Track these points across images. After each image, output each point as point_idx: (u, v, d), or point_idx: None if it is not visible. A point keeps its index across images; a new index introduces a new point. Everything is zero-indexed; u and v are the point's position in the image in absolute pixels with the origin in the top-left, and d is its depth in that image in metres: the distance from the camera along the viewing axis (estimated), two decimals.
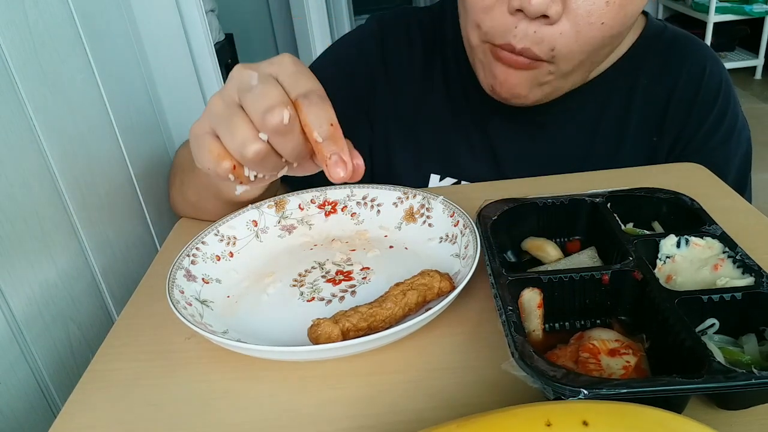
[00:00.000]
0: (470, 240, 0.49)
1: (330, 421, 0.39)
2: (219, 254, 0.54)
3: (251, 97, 0.40)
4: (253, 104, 0.40)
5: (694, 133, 0.67)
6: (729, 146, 0.68)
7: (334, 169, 0.40)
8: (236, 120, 0.40)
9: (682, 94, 0.67)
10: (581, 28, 0.53)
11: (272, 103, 0.39)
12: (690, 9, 3.46)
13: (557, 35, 0.54)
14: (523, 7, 0.52)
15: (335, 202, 0.60)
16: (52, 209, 0.59)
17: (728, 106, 0.68)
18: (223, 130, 0.41)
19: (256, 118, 0.39)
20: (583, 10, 0.52)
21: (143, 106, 0.84)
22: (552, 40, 0.54)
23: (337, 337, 0.41)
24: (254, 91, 0.40)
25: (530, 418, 0.29)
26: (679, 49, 0.69)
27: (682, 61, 0.68)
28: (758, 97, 3.27)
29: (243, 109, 0.40)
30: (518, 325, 0.37)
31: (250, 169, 0.42)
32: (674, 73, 0.68)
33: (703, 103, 0.67)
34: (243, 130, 0.40)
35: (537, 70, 0.57)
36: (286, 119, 0.39)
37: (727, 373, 0.32)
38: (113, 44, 0.77)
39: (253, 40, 2.85)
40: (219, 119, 0.41)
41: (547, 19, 0.53)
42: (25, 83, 0.57)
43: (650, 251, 0.45)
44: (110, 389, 0.43)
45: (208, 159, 0.42)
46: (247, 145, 0.40)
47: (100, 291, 0.67)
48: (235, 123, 0.40)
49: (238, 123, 0.40)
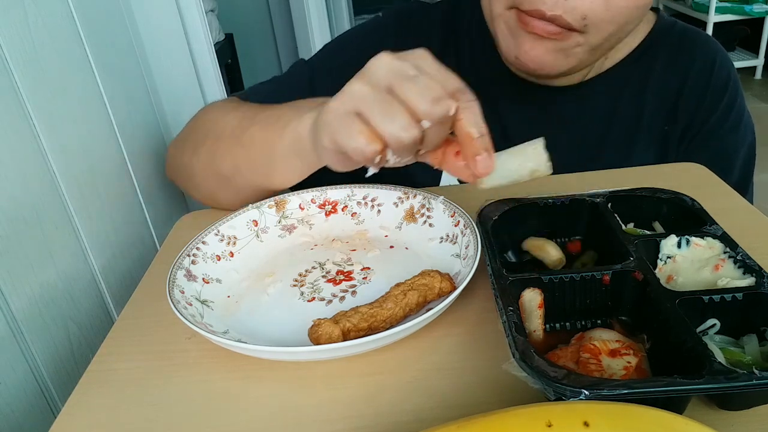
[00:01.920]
0: (471, 240, 0.49)
1: (330, 421, 0.39)
2: (219, 254, 0.53)
3: (416, 87, 0.41)
4: (420, 94, 0.41)
5: (705, 122, 0.69)
6: (737, 134, 0.70)
7: (483, 163, 0.43)
8: (396, 106, 0.41)
9: (693, 84, 0.69)
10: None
11: (440, 95, 0.41)
12: (690, 9, 3.45)
13: (588, 2, 0.54)
14: None
15: (336, 202, 0.60)
16: (52, 209, 0.59)
17: (736, 97, 0.70)
18: (378, 113, 0.42)
19: (423, 107, 0.41)
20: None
21: (143, 106, 0.84)
22: (584, 7, 0.54)
23: (338, 338, 0.41)
24: (419, 82, 0.41)
25: (531, 418, 0.29)
26: (690, 42, 0.70)
27: (692, 53, 0.70)
28: (758, 97, 3.27)
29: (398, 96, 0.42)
30: (519, 326, 0.37)
31: (395, 154, 0.43)
32: (685, 64, 0.69)
33: (714, 93, 0.69)
34: (404, 116, 0.41)
35: (566, 41, 0.57)
36: (452, 111, 0.41)
37: (727, 373, 0.32)
38: (113, 44, 0.77)
39: (253, 40, 2.85)
40: (370, 103, 0.42)
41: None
42: (25, 83, 0.56)
43: (651, 251, 0.45)
44: (110, 389, 0.43)
45: (357, 139, 0.42)
46: (408, 130, 0.41)
47: (100, 291, 0.67)
48: (396, 109, 0.41)
49: (399, 109, 0.41)
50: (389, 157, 0.43)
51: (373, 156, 0.42)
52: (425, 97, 0.41)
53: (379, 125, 0.42)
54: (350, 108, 0.43)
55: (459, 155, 0.44)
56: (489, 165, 0.43)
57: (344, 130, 0.43)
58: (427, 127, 0.42)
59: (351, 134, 0.43)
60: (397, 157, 0.44)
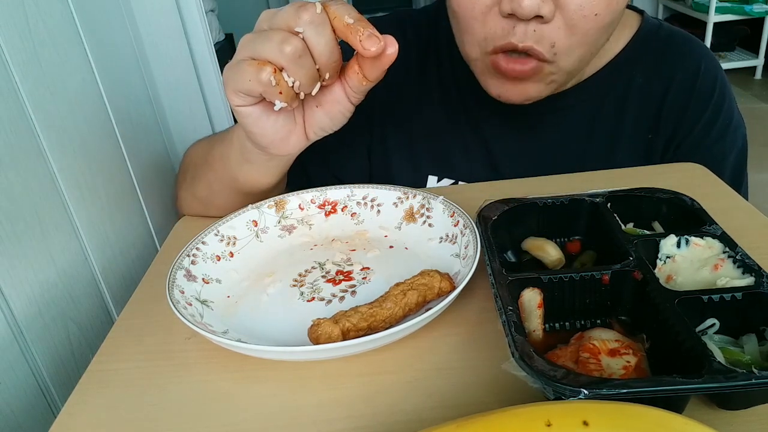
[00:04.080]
0: (470, 240, 0.49)
1: (330, 421, 0.39)
2: (219, 254, 0.54)
3: (283, 12, 0.44)
4: (288, 12, 0.44)
5: (689, 131, 0.68)
6: (725, 143, 0.68)
7: (368, 41, 0.43)
8: (271, 32, 0.44)
9: (677, 92, 0.67)
10: (576, 22, 0.54)
11: (303, 4, 0.44)
12: (690, 9, 3.45)
13: (555, 30, 0.54)
14: (515, 11, 0.52)
15: (335, 202, 0.60)
16: (52, 209, 0.59)
17: (723, 103, 0.68)
18: (259, 43, 0.44)
19: (290, 17, 0.43)
20: (574, 5, 0.53)
21: (143, 106, 0.84)
22: (551, 36, 0.55)
23: (338, 337, 0.41)
24: (285, 9, 0.44)
25: (530, 418, 0.29)
26: (675, 48, 0.69)
27: (677, 59, 0.68)
28: (758, 97, 3.26)
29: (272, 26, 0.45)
30: (518, 325, 0.37)
31: (289, 74, 0.44)
32: (669, 71, 0.68)
33: (698, 101, 0.67)
34: (279, 33, 0.43)
35: (540, 73, 0.58)
36: (319, 9, 0.43)
37: (727, 373, 0.32)
38: (113, 44, 0.77)
39: None
40: (251, 43, 0.45)
41: (541, 19, 0.53)
42: (25, 83, 0.57)
43: (650, 251, 0.45)
44: (110, 389, 0.43)
45: (248, 72, 0.44)
46: (286, 41, 0.43)
47: (100, 291, 0.67)
48: (271, 33, 0.44)
49: (274, 32, 0.43)
50: (288, 80, 0.44)
51: (268, 81, 0.44)
52: (288, 12, 0.43)
53: (260, 52, 0.44)
54: (238, 57, 0.45)
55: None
56: (375, 42, 0.43)
57: (235, 74, 0.45)
58: (301, 32, 0.43)
59: (242, 72, 0.45)
60: (298, 81, 0.45)
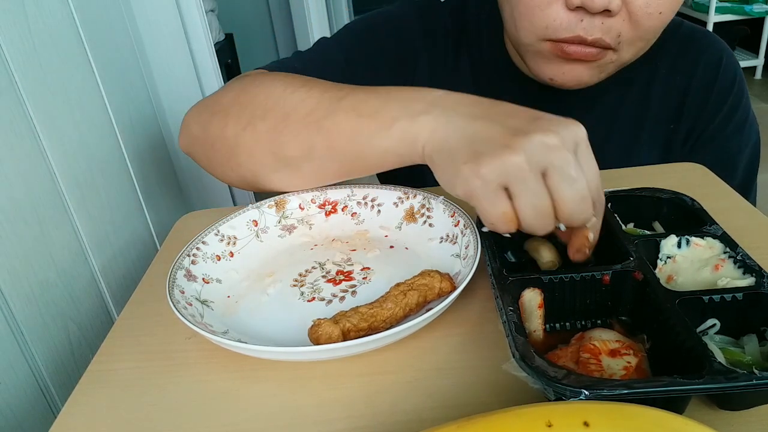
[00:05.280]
0: (471, 240, 0.49)
1: (330, 421, 0.39)
2: (219, 254, 0.53)
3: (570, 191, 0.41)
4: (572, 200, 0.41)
5: (710, 121, 0.70)
6: (742, 135, 0.71)
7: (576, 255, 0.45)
8: (545, 201, 0.41)
9: (699, 83, 0.70)
10: (640, 17, 0.56)
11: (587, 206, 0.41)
12: (690, 9, 3.45)
13: (620, 22, 0.56)
14: (584, 4, 0.54)
15: (335, 202, 0.60)
16: (52, 209, 0.59)
17: (742, 97, 0.70)
18: (526, 203, 0.41)
19: (568, 212, 0.41)
20: (641, 1, 0.55)
21: (143, 106, 0.84)
22: (618, 27, 0.56)
23: (338, 338, 0.41)
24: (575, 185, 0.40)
25: (531, 418, 0.29)
26: (696, 41, 0.71)
27: (699, 52, 0.71)
28: (758, 97, 3.26)
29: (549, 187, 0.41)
30: (519, 326, 0.37)
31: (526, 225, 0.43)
32: (692, 63, 0.70)
33: (720, 92, 0.69)
34: (548, 215, 0.41)
35: (602, 59, 0.59)
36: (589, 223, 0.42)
37: (727, 373, 0.32)
38: (113, 44, 0.77)
39: (253, 40, 2.85)
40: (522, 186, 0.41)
41: (609, 13, 0.55)
42: (25, 83, 0.57)
43: (651, 251, 0.45)
44: (110, 389, 0.43)
45: (497, 217, 0.42)
46: (545, 227, 0.42)
47: (100, 291, 0.67)
48: (543, 204, 0.41)
49: (546, 205, 0.41)
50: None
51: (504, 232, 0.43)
52: (574, 203, 0.41)
53: (522, 210, 0.41)
54: (502, 182, 0.41)
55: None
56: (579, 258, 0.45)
57: (488, 201, 0.42)
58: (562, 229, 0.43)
59: (494, 209, 0.42)
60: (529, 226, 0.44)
